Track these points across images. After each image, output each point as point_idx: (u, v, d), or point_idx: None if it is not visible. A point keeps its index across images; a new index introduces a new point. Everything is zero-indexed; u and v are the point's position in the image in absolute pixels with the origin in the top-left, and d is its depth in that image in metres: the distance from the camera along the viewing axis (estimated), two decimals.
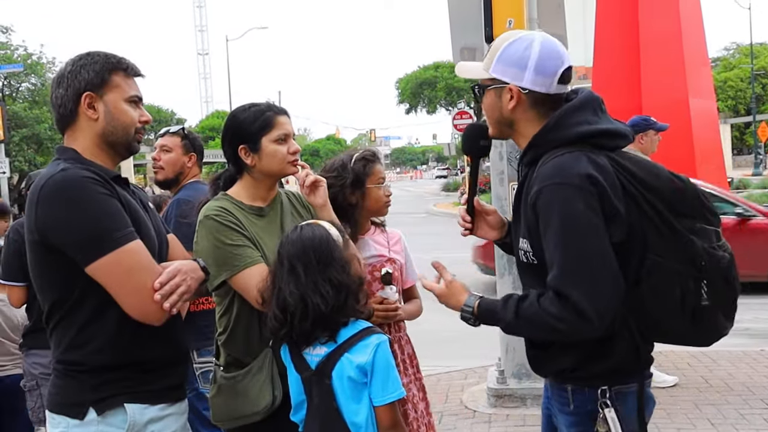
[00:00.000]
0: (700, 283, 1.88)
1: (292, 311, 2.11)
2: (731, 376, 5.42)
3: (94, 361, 1.95)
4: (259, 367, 2.38)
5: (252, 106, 2.50)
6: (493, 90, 2.05)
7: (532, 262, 1.98)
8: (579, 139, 1.94)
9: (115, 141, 2.07)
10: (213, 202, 2.45)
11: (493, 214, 2.36)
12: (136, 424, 1.97)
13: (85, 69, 2.03)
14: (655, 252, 1.87)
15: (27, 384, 3.96)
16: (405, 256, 2.92)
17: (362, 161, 2.79)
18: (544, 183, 1.89)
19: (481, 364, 5.88)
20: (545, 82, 1.99)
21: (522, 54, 1.98)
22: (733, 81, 46.41)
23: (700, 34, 8.17)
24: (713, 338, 2.01)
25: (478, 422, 4.77)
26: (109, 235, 1.89)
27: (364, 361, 2.09)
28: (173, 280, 1.94)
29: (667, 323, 1.92)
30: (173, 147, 3.74)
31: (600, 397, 1.95)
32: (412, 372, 2.82)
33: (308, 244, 2.16)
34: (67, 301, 1.95)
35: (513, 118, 2.04)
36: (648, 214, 1.88)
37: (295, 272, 2.13)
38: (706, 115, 8.88)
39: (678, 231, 1.88)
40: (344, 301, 2.12)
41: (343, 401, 2.12)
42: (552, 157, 1.93)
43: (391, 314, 2.71)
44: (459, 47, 5.42)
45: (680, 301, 1.87)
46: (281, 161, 2.45)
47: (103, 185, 1.95)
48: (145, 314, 1.93)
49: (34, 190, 1.94)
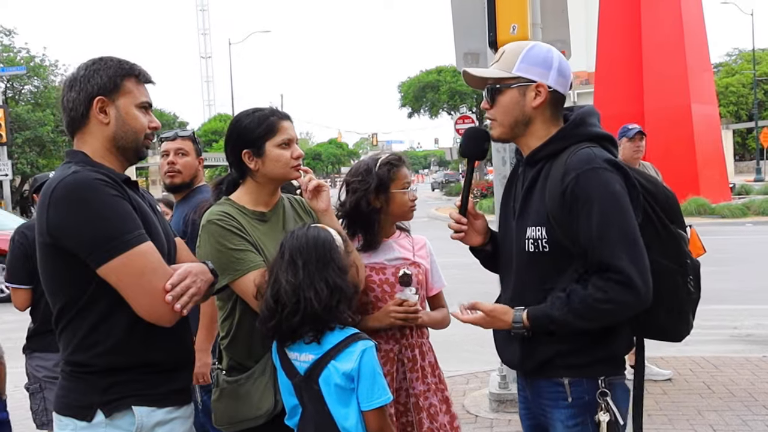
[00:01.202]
0: (687, 278, 2.12)
1: (284, 302, 2.16)
2: (733, 382, 5.42)
3: (103, 363, 1.96)
4: (261, 371, 2.39)
5: (256, 111, 2.51)
6: (516, 88, 2.15)
7: (543, 250, 2.07)
8: (597, 138, 2.14)
9: (125, 145, 2.09)
10: (216, 207, 2.47)
11: (480, 218, 2.42)
12: (143, 426, 1.97)
13: (98, 74, 2.05)
14: (652, 249, 2.04)
15: (30, 387, 3.96)
16: (430, 261, 2.88)
17: (387, 165, 2.77)
18: (582, 168, 2.02)
19: (482, 369, 5.89)
20: (564, 83, 2.17)
21: (546, 55, 2.16)
22: (735, 87, 46.41)
23: (702, 39, 8.21)
24: (685, 334, 2.21)
25: (480, 427, 4.77)
26: (120, 236, 1.90)
27: (350, 368, 2.14)
28: (184, 282, 1.95)
29: (659, 316, 2.10)
30: (189, 150, 3.70)
31: (600, 386, 2.06)
32: (433, 381, 2.73)
33: (312, 242, 2.22)
34: (77, 302, 1.96)
35: (533, 115, 2.16)
36: (649, 215, 2.09)
37: (295, 265, 2.19)
38: (708, 121, 8.91)
39: (671, 232, 2.11)
40: (336, 304, 2.16)
41: (333, 406, 2.17)
42: (578, 149, 2.08)
43: (411, 316, 2.63)
44: (462, 52, 5.42)
45: (672, 296, 2.09)
46: (284, 166, 2.46)
47: (114, 187, 1.96)
48: (156, 316, 1.94)
49: (45, 193, 1.95)
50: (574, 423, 2.08)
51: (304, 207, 2.64)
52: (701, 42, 23.55)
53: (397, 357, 2.69)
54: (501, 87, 2.17)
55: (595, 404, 2.05)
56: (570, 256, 2.05)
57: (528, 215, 2.13)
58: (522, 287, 2.17)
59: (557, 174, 2.06)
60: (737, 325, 7.69)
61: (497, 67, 2.19)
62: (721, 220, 19.35)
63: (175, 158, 3.68)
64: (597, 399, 2.05)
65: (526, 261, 2.13)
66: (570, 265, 2.06)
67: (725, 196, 23.01)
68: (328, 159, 77.52)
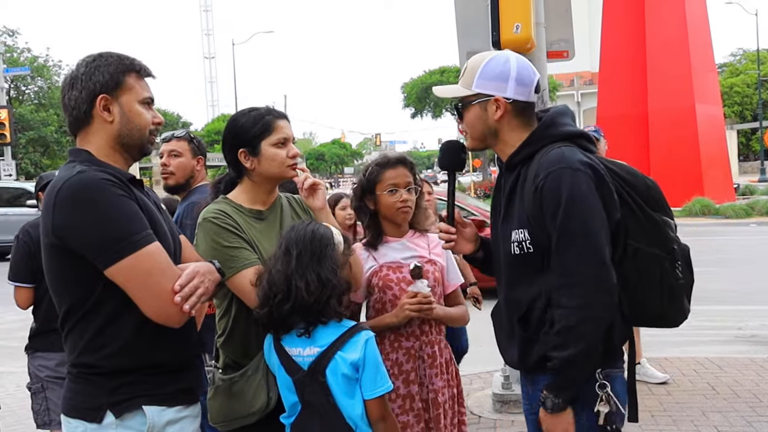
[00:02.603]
0: (674, 264, 2.14)
1: (275, 290, 2.21)
2: (738, 383, 5.40)
3: (110, 365, 1.94)
4: (255, 369, 2.41)
5: (252, 111, 2.52)
6: (477, 104, 2.23)
7: (528, 251, 2.13)
8: (569, 137, 2.18)
9: (130, 143, 2.06)
10: (212, 205, 2.48)
11: (469, 227, 2.48)
12: (155, 426, 1.96)
13: (99, 71, 2.02)
14: (634, 239, 2.11)
15: (32, 387, 3.96)
16: (446, 259, 2.90)
17: (375, 167, 2.83)
18: (549, 169, 2.06)
19: (485, 370, 5.88)
20: (525, 91, 2.20)
21: (502, 68, 2.20)
22: (740, 87, 46.33)
23: (706, 40, 8.17)
24: (681, 319, 2.22)
25: (483, 428, 4.76)
26: (128, 237, 1.88)
27: (357, 358, 2.19)
28: (192, 282, 1.93)
29: (650, 303, 2.14)
30: (183, 151, 3.71)
31: (598, 378, 2.08)
32: (447, 378, 2.77)
33: (309, 235, 2.27)
34: (84, 304, 1.94)
35: (498, 127, 2.23)
36: (629, 205, 2.12)
37: (289, 255, 2.24)
38: (712, 121, 8.87)
39: (654, 220, 2.14)
40: (327, 299, 2.20)
41: (340, 397, 2.20)
42: (550, 150, 2.12)
43: (425, 307, 2.66)
44: (465, 52, 5.41)
45: (659, 281, 2.12)
46: (280, 165, 2.47)
47: (120, 187, 1.93)
48: (165, 316, 1.92)
49: (50, 193, 1.92)
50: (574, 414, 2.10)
51: (302, 206, 2.65)
52: (705, 42, 23.49)
53: (418, 354, 2.74)
54: (464, 104, 2.26)
55: (594, 396, 2.08)
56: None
57: (511, 219, 2.18)
58: (513, 289, 2.22)
59: (531, 175, 2.11)
60: (741, 325, 7.67)
61: (461, 83, 2.27)
62: (725, 220, 19.33)
63: (168, 160, 3.71)
64: (596, 391, 2.07)
65: (513, 263, 2.19)
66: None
67: (729, 197, 22.98)
68: (332, 159, 77.60)
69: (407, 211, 2.80)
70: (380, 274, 2.78)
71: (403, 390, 2.70)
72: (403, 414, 2.67)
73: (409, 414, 2.68)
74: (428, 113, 47.36)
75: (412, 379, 2.71)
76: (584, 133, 2.22)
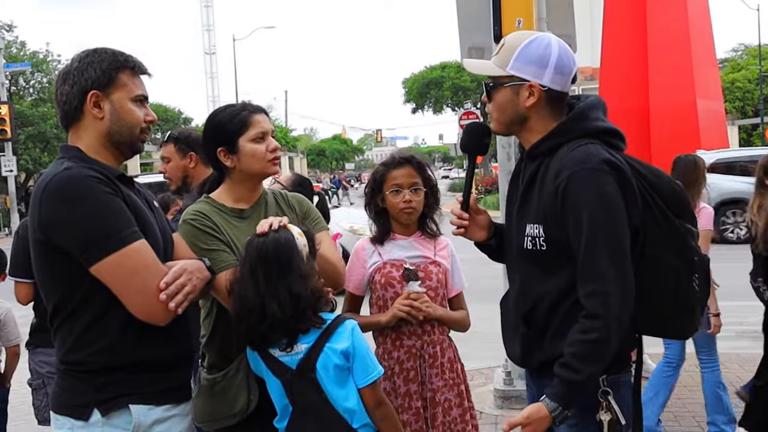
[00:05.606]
0: (692, 276, 2.04)
1: (249, 307, 2.14)
2: (740, 379, 5.40)
3: (98, 362, 1.94)
4: (236, 370, 2.39)
5: (227, 107, 2.48)
6: (510, 87, 2.09)
7: (540, 248, 2.04)
8: (598, 133, 2.07)
9: (120, 140, 2.05)
10: (193, 206, 2.44)
11: (483, 213, 2.39)
12: (141, 425, 1.95)
13: (92, 67, 2.01)
14: (654, 245, 2.00)
15: (33, 383, 3.96)
16: (451, 262, 2.88)
17: (381, 167, 2.85)
18: (574, 168, 1.96)
19: (487, 365, 5.88)
20: (562, 80, 2.08)
21: (543, 53, 2.06)
22: (741, 82, 46.21)
23: (708, 35, 8.12)
24: (692, 332, 2.17)
25: (485, 423, 4.76)
26: (113, 234, 1.87)
27: (346, 346, 2.17)
28: (178, 280, 1.92)
29: (662, 314, 2.05)
30: (170, 155, 3.64)
31: (602, 385, 2.00)
32: (451, 377, 2.77)
33: (272, 248, 2.16)
34: (71, 301, 1.93)
35: (528, 114, 2.11)
36: (652, 208, 2.01)
37: (255, 277, 2.15)
38: (713, 117, 8.82)
39: (676, 227, 2.02)
40: (302, 310, 2.15)
41: (331, 390, 2.17)
42: (576, 146, 2.02)
43: (414, 312, 2.67)
44: (467, 47, 5.40)
45: (674, 292, 2.02)
46: (261, 160, 2.41)
47: (107, 184, 1.93)
48: (150, 314, 1.91)
49: (37, 189, 1.92)
50: (575, 422, 2.03)
51: (288, 201, 2.60)
52: (707, 37, 23.40)
53: (419, 353, 2.74)
54: (495, 84, 2.13)
55: (597, 403, 2.00)
56: (567, 257, 2.00)
57: (527, 212, 2.10)
58: (522, 282, 2.16)
59: (553, 171, 2.02)
60: (744, 321, 7.65)
61: (495, 60, 2.14)
62: None
63: (163, 166, 3.71)
64: (598, 398, 2.00)
65: (524, 256, 2.12)
66: (565, 266, 2.01)
67: None
68: (333, 155, 77.49)
69: (410, 212, 2.78)
70: (383, 270, 2.78)
71: (403, 388, 2.70)
72: (403, 412, 2.67)
73: (408, 412, 2.68)
74: (429, 109, 47.29)
75: (412, 378, 2.71)
76: (615, 130, 2.09)
